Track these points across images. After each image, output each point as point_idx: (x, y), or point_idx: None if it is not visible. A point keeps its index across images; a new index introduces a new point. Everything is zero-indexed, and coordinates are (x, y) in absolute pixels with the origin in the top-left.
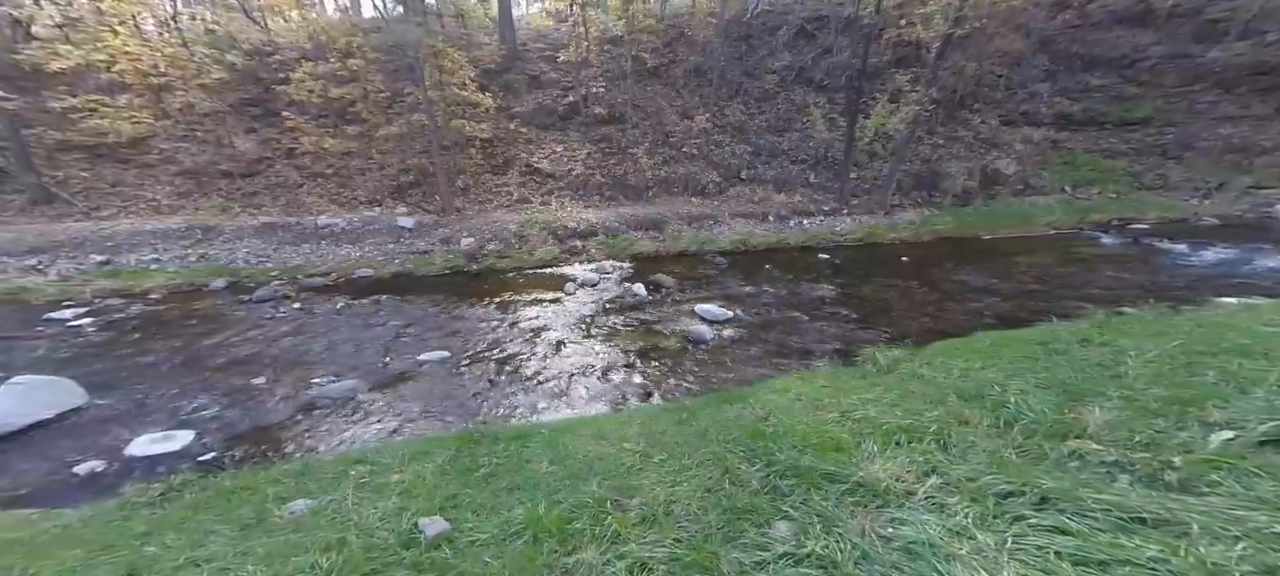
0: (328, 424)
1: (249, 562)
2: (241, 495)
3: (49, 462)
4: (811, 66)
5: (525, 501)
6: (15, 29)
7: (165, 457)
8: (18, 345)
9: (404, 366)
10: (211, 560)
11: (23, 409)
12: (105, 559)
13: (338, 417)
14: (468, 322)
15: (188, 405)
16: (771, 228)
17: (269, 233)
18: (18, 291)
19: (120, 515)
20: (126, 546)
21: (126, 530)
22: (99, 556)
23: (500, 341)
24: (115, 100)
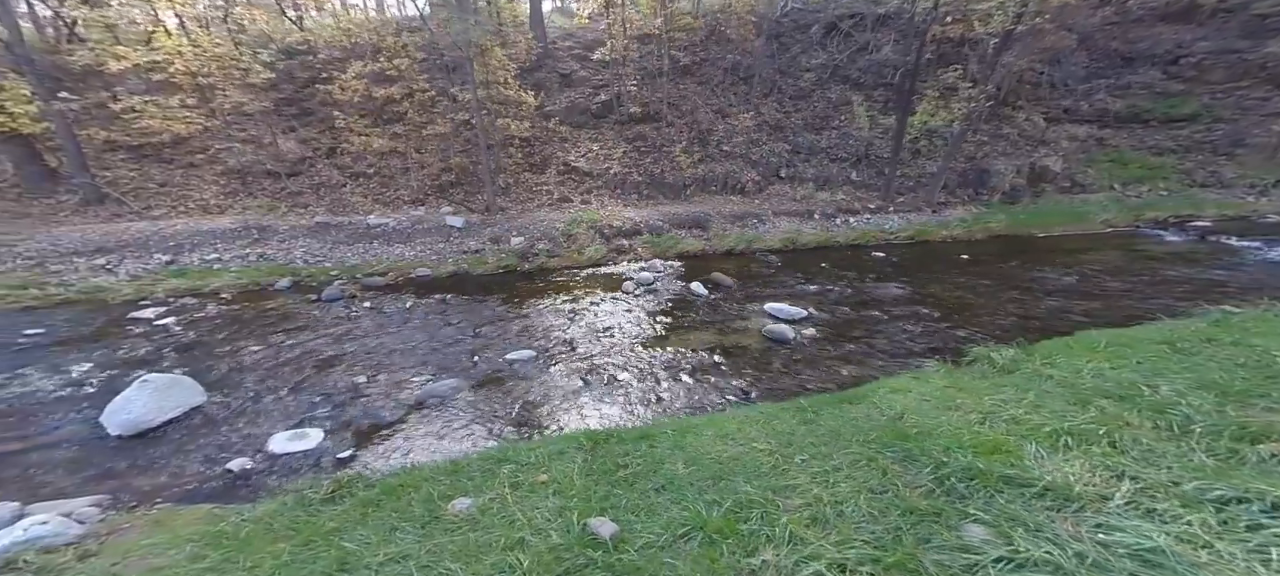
0: (441, 422)
1: (445, 559)
2: (405, 492)
3: (200, 459)
4: (847, 64)
5: (679, 501)
6: (58, 30)
7: (303, 454)
8: (117, 344)
9: (494, 366)
10: (408, 556)
11: (159, 406)
12: (310, 553)
13: (449, 416)
14: (538, 322)
15: (301, 403)
16: (817, 226)
17: (323, 232)
18: (95, 291)
19: (303, 511)
20: (324, 541)
21: (316, 525)
22: (303, 551)
23: (577, 340)
24: (167, 100)
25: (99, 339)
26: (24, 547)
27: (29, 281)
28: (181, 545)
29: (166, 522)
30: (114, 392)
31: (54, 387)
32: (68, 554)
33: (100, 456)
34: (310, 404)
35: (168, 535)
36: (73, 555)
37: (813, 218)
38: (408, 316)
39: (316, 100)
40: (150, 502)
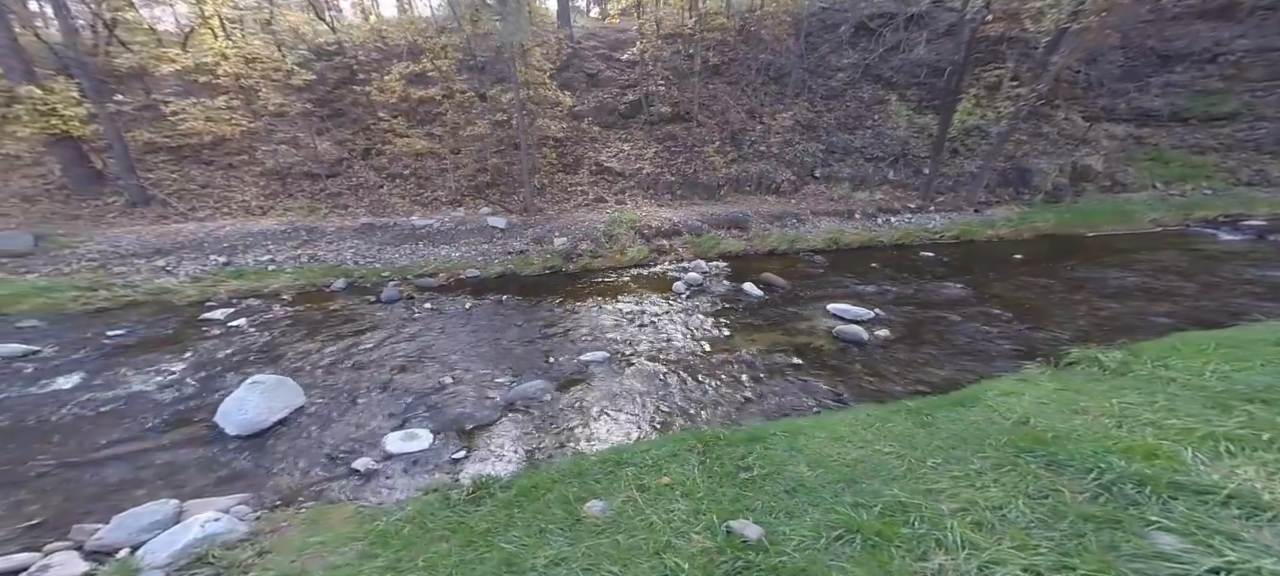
0: (536, 422)
1: (603, 563)
2: (538, 494)
3: (321, 458)
4: (879, 63)
5: (817, 504)
6: (97, 32)
7: (417, 455)
8: (198, 345)
9: (571, 367)
10: (565, 559)
11: (269, 406)
12: (474, 554)
13: (542, 416)
14: (598, 322)
15: (395, 404)
16: (859, 225)
17: (369, 233)
18: (159, 292)
19: (451, 511)
20: (482, 542)
21: (469, 526)
22: (466, 552)
23: (643, 341)
24: (213, 102)
25: (180, 340)
26: (207, 543)
27: (96, 282)
28: (347, 543)
29: (320, 521)
30: (213, 392)
31: (155, 388)
32: (247, 550)
33: (225, 455)
34: (404, 404)
35: (329, 533)
36: (252, 551)
37: (853, 217)
38: (469, 317)
39: (348, 101)
40: (291, 501)
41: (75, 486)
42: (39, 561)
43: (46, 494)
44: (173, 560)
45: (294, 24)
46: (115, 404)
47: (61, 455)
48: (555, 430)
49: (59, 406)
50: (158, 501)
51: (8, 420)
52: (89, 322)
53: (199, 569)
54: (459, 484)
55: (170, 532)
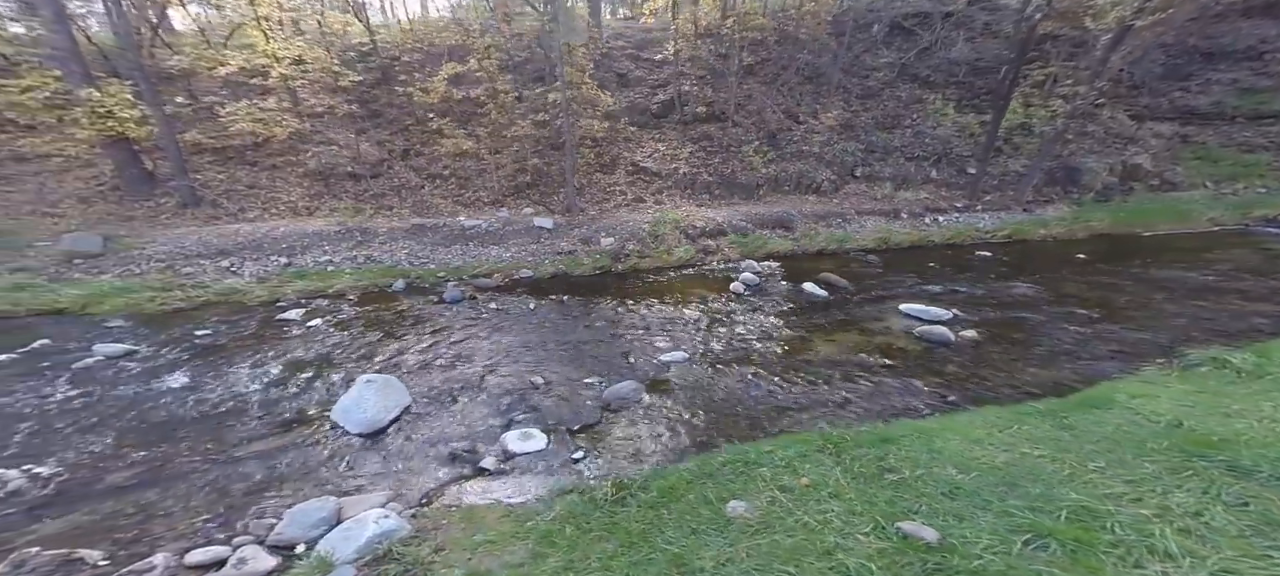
0: (638, 422)
1: (774, 562)
2: (676, 494)
3: (446, 455)
4: (915, 62)
5: (985, 507)
6: (141, 33)
7: (536, 454)
8: (282, 344)
9: (653, 367)
10: (732, 559)
11: (384, 405)
12: (641, 554)
13: (642, 416)
14: (664, 322)
15: (494, 404)
16: (906, 224)
17: (419, 234)
18: (229, 292)
19: (600, 511)
20: (643, 542)
21: (624, 527)
22: (631, 552)
23: (717, 340)
24: (264, 103)
25: (264, 339)
26: (385, 540)
27: (168, 283)
28: (511, 542)
29: (475, 519)
30: (317, 390)
31: (261, 386)
32: (423, 547)
33: (352, 453)
34: (503, 404)
35: (490, 532)
36: (428, 548)
37: (900, 217)
38: (535, 317)
39: (383, 102)
40: (432, 499)
41: (224, 482)
42: (233, 555)
43: (202, 490)
44: (359, 555)
45: (335, 25)
46: (232, 401)
47: (205, 453)
48: (660, 430)
49: (179, 404)
50: (319, 498)
51: (137, 417)
52: (171, 322)
53: (388, 565)
54: (600, 485)
55: (345, 529)
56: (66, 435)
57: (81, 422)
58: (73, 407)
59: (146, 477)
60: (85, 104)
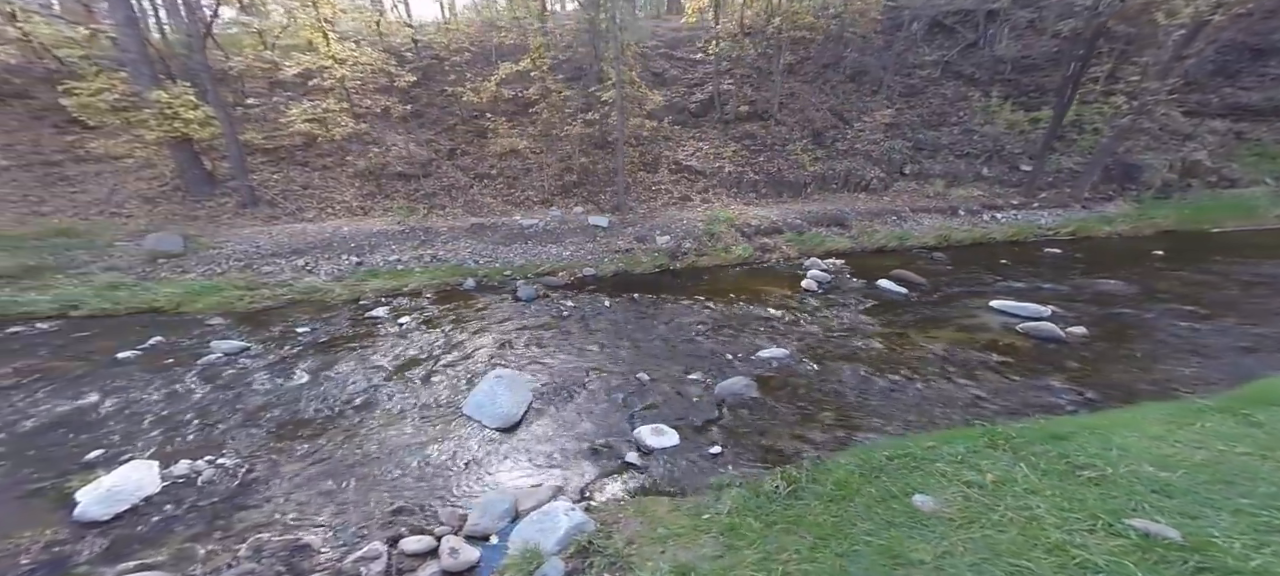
0: (761, 418)
1: (1004, 558)
2: (852, 488)
3: (586, 449)
4: (958, 59)
5: (1215, 506)
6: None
7: (672, 449)
8: (378, 342)
9: (754, 364)
10: (948, 553)
11: (515, 399)
12: (843, 547)
13: (763, 412)
14: (744, 318)
15: (615, 400)
16: (963, 222)
17: (479, 233)
18: (311, 291)
19: (777, 505)
20: (838, 534)
21: (812, 521)
22: (832, 544)
23: (811, 336)
24: (325, 103)
25: (362, 337)
26: (577, 533)
27: (251, 282)
28: (694, 535)
29: (648, 514)
30: (434, 385)
31: (382, 381)
32: (614, 540)
33: (496, 447)
34: (618, 399)
35: (669, 526)
36: (620, 541)
37: (957, 214)
38: (612, 314)
39: (423, 102)
40: (588, 492)
41: (390, 474)
42: (442, 545)
43: (373, 481)
44: (560, 548)
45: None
46: (362, 395)
47: (360, 446)
48: (788, 426)
49: (315, 399)
50: (497, 492)
51: (282, 411)
52: (265, 320)
53: (593, 557)
54: (767, 480)
55: (535, 522)
56: (228, 428)
57: (234, 416)
58: (219, 401)
59: (318, 469)
60: (153, 105)
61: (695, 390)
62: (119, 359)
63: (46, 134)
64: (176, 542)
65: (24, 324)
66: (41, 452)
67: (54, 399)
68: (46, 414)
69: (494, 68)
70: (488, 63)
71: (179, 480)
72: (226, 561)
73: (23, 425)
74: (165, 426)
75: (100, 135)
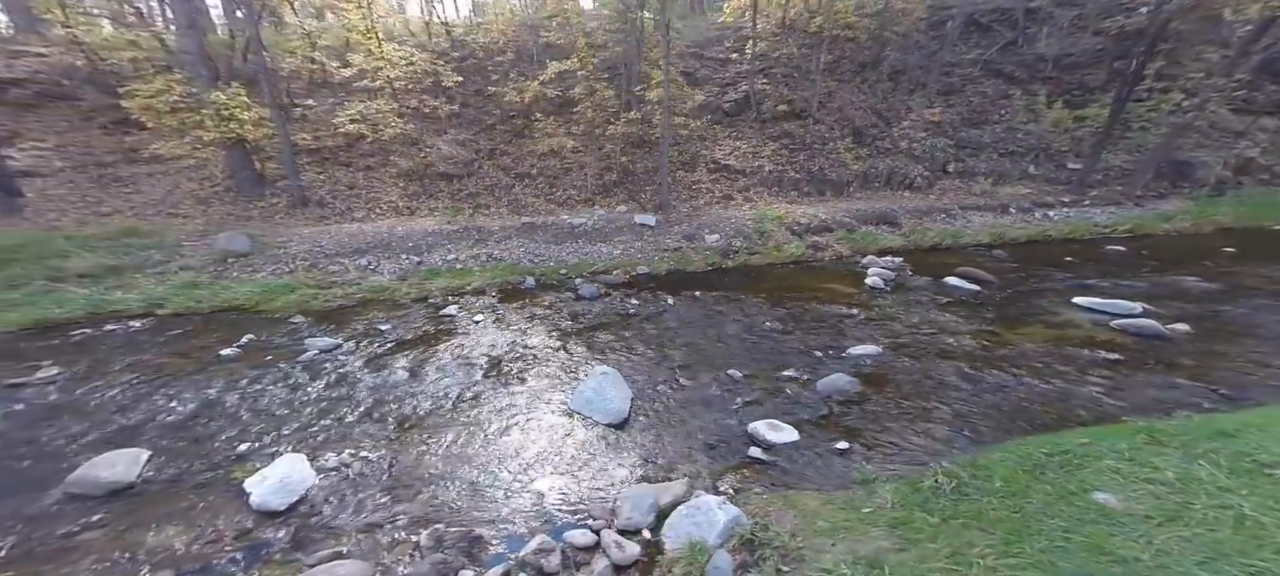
0: (875, 413)
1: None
2: (1018, 485)
3: (703, 446)
4: (998, 58)
5: None
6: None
7: (790, 446)
8: (461, 339)
9: (847, 360)
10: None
11: (621, 395)
12: (1042, 542)
13: (871, 409)
14: (821, 316)
15: (709, 395)
16: (1015, 219)
17: (530, 233)
18: (379, 290)
19: (941, 499)
20: (1030, 530)
21: (987, 515)
22: (1024, 540)
23: (895, 334)
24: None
25: (441, 334)
26: (735, 526)
27: (322, 281)
28: (863, 527)
29: (797, 508)
30: (533, 381)
31: (479, 377)
32: (775, 532)
33: (613, 442)
34: (717, 394)
35: (827, 519)
36: (784, 534)
37: (1008, 212)
38: (679, 312)
39: (460, 103)
40: (720, 485)
41: (524, 467)
42: (605, 538)
43: (510, 475)
44: (722, 541)
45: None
46: (467, 388)
47: (482, 441)
48: (905, 422)
49: (420, 394)
50: (638, 486)
51: (394, 406)
52: (343, 318)
53: (762, 549)
54: (927, 475)
55: (688, 515)
56: (353, 423)
57: (353, 411)
58: (332, 396)
59: (454, 463)
60: (211, 107)
61: (792, 387)
62: (222, 355)
63: (96, 135)
64: (353, 532)
65: (117, 322)
66: (193, 445)
67: (181, 393)
68: (182, 407)
69: (535, 67)
70: (529, 62)
71: (331, 472)
72: (410, 551)
73: (166, 418)
74: (294, 420)
75: (160, 136)
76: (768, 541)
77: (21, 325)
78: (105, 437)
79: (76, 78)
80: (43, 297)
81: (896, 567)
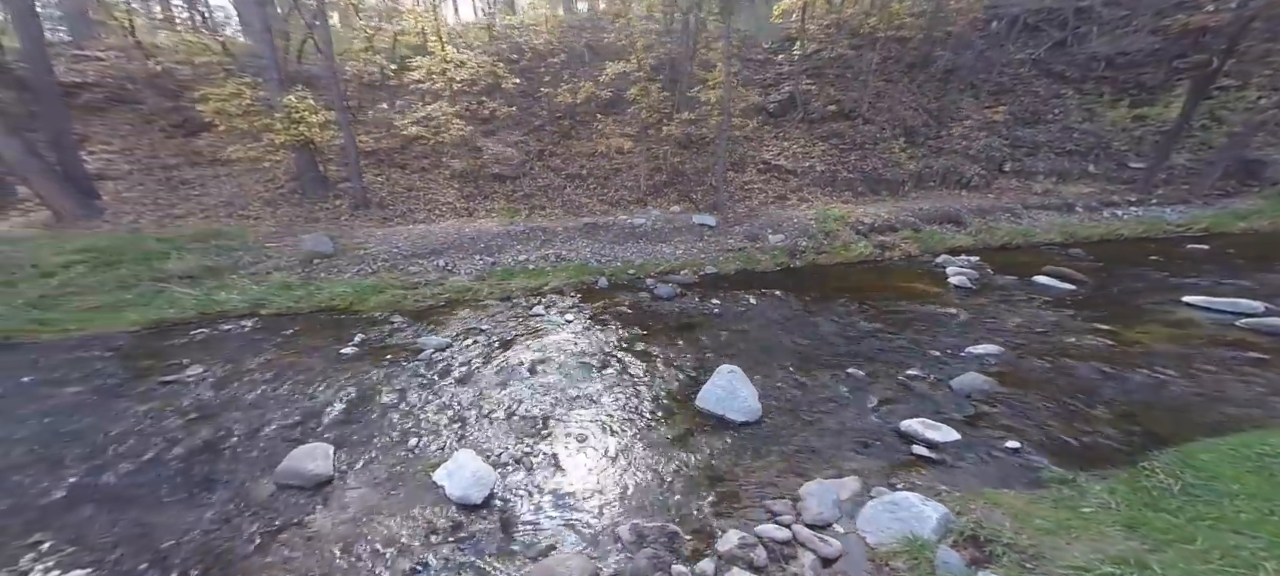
0: (1021, 414)
1: None
2: (1223, 484)
3: (855, 443)
4: (1047, 57)
5: None
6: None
7: (952, 444)
8: (552, 338)
9: (969, 359)
10: None
11: (751, 392)
12: None
13: (1020, 410)
14: (915, 316)
15: (835, 391)
16: (1082, 218)
17: (592, 233)
18: (463, 290)
19: (1172, 501)
20: None
21: (1245, 520)
22: None
23: (1004, 331)
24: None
25: (539, 332)
26: (951, 523)
27: (405, 281)
28: (1098, 528)
29: (1006, 505)
30: (648, 378)
31: (598, 375)
32: (997, 528)
33: (756, 440)
34: (845, 393)
35: (1054, 520)
36: (1008, 532)
37: (1074, 211)
38: (766, 312)
39: (514, 106)
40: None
41: (682, 462)
42: (804, 534)
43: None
44: (940, 536)
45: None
46: (593, 389)
47: (630, 437)
48: (1063, 421)
49: (552, 393)
50: (815, 482)
51: (533, 401)
52: (439, 317)
53: (990, 546)
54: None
55: (887, 511)
56: (499, 419)
57: (493, 407)
58: (469, 394)
59: (609, 459)
60: (281, 110)
61: (920, 385)
62: (343, 354)
63: (158, 139)
64: (553, 526)
65: (228, 322)
66: (367, 439)
67: (325, 389)
68: (337, 403)
69: (588, 68)
70: (581, 64)
71: (505, 468)
72: (613, 545)
73: (327, 414)
74: (447, 416)
75: (229, 139)
76: (995, 537)
77: (144, 324)
78: (281, 433)
79: (138, 82)
80: (155, 298)
81: (1168, 567)
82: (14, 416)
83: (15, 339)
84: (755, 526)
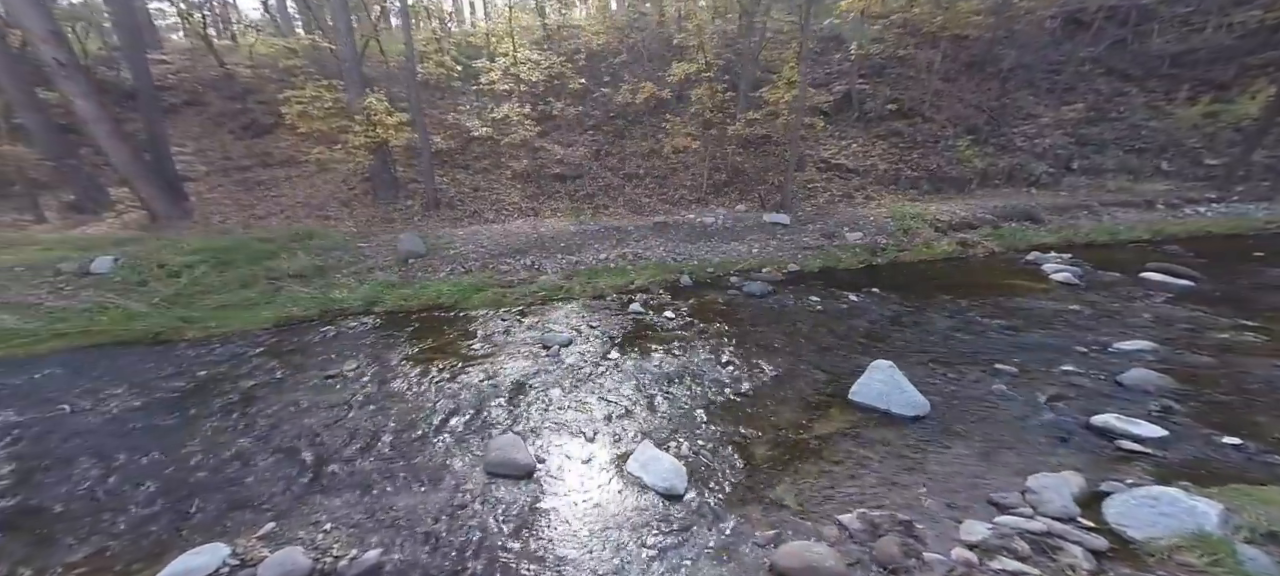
0: (1211, 411)
1: None
2: None
3: (1037, 440)
4: (1108, 56)
5: None
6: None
7: (1165, 440)
8: (657, 338)
9: (1118, 357)
10: None
11: (913, 388)
12: None
13: (1203, 405)
14: (1033, 312)
15: (996, 388)
16: (1163, 215)
17: (663, 232)
18: (554, 289)
19: None
20: None
21: None
22: None
23: (1140, 327)
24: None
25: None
26: (1230, 520)
27: (500, 280)
28: None
29: (1271, 501)
30: (797, 378)
31: (742, 373)
32: None
33: (931, 436)
34: (1003, 389)
35: None
36: None
37: (1155, 208)
38: (872, 309)
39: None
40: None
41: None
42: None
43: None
44: (1228, 534)
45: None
46: (743, 384)
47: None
48: (1269, 416)
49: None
50: (1042, 475)
51: (683, 394)
52: (543, 314)
53: None
54: None
55: (1146, 505)
56: (663, 412)
57: (654, 403)
58: (619, 388)
59: (788, 452)
60: (362, 112)
61: (1084, 381)
62: (474, 348)
63: (227, 140)
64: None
65: (350, 319)
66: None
67: (479, 383)
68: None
69: (646, 67)
70: (643, 63)
71: (688, 459)
72: (843, 533)
73: (495, 406)
74: (605, 408)
75: (309, 141)
76: None
77: (276, 321)
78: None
79: (206, 85)
80: (275, 296)
81: None
82: (217, 410)
83: (166, 337)
84: (995, 517)
